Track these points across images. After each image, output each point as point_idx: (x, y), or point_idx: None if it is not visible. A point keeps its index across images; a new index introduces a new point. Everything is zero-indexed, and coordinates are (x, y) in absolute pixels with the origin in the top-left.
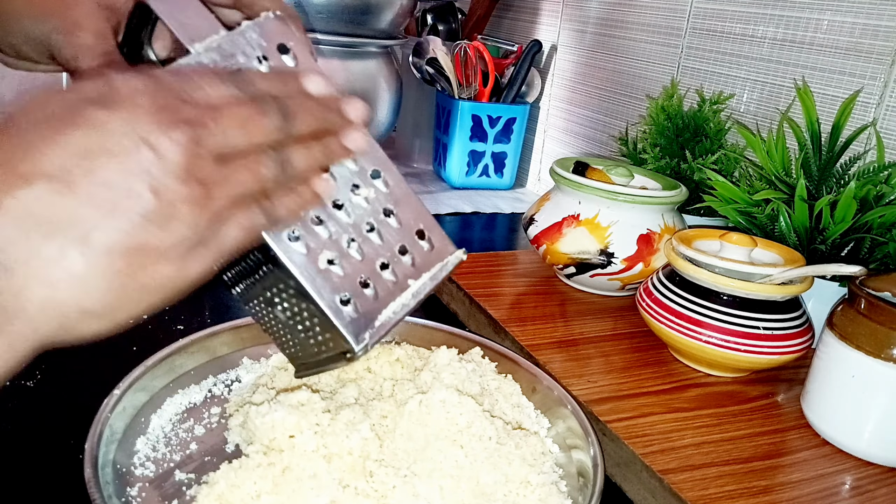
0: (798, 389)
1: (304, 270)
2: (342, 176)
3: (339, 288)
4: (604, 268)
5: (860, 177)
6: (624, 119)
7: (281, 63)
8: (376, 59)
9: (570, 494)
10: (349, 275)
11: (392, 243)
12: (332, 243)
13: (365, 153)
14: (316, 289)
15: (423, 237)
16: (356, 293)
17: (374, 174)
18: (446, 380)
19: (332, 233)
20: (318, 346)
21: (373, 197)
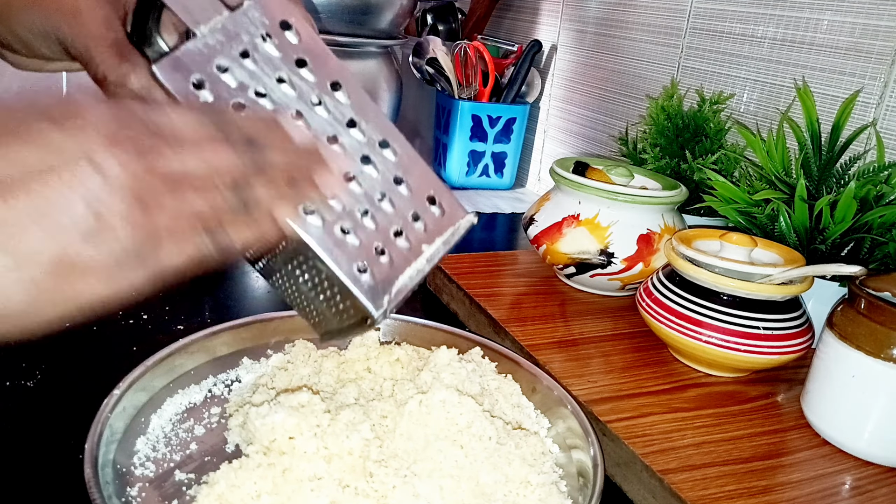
0: (798, 389)
1: (321, 242)
2: (351, 147)
3: (356, 257)
4: (604, 268)
5: (860, 177)
6: (624, 119)
7: (285, 40)
8: (376, 59)
9: (570, 494)
10: (364, 244)
11: (404, 210)
12: (345, 214)
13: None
14: (334, 259)
15: (434, 202)
16: (372, 261)
17: (383, 143)
18: (446, 380)
19: (346, 204)
20: (339, 314)
21: (382, 166)
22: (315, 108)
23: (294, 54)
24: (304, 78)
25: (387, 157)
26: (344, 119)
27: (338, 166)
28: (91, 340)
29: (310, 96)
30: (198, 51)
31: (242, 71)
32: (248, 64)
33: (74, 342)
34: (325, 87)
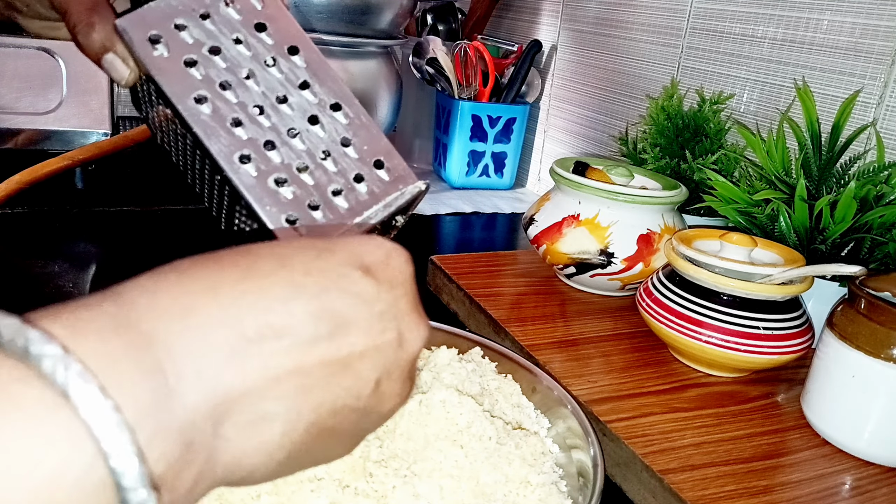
0: (798, 389)
1: (252, 191)
2: (300, 106)
3: (287, 208)
4: (604, 268)
5: (860, 177)
6: (624, 119)
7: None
8: (376, 59)
9: (570, 494)
10: (298, 197)
11: (347, 171)
12: (283, 167)
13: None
14: (263, 208)
15: (382, 167)
16: (304, 214)
17: (335, 107)
18: (446, 380)
19: (285, 158)
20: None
21: (331, 127)
22: (268, 69)
23: (255, 19)
24: (261, 40)
25: (337, 118)
26: (297, 81)
27: (284, 123)
28: None
29: (264, 57)
30: (159, 9)
31: (200, 31)
32: (207, 24)
33: None
34: (282, 50)
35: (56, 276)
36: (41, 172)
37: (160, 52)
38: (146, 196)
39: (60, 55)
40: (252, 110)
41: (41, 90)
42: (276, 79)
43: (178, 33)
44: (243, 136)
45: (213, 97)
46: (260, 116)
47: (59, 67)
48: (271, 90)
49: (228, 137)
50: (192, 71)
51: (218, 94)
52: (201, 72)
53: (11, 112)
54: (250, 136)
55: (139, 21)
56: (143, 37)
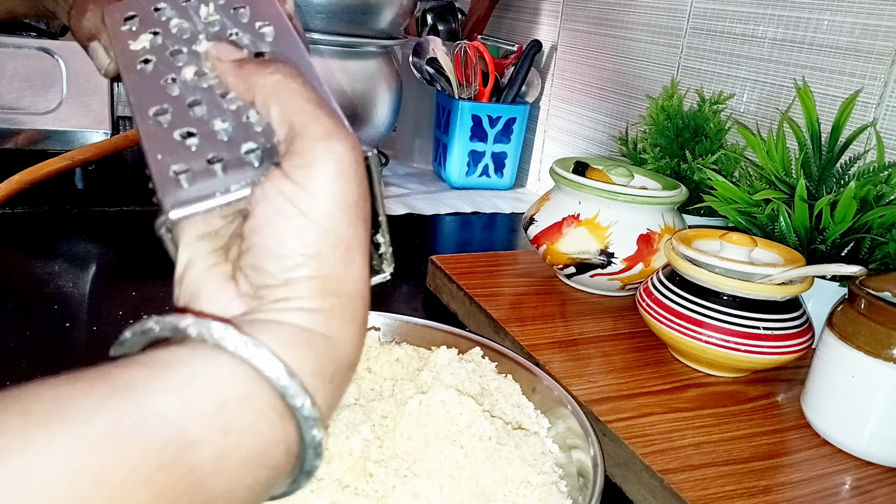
0: (798, 389)
1: (152, 139)
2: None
3: (182, 159)
4: (604, 268)
5: (860, 177)
6: (624, 119)
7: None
8: (376, 59)
9: (570, 494)
10: (200, 150)
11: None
12: (198, 121)
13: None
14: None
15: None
16: (198, 168)
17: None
18: (446, 380)
19: (205, 113)
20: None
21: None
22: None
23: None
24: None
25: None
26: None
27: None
28: (91, 340)
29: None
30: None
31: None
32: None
33: (75, 342)
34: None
35: (56, 276)
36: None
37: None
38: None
39: (60, 55)
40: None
41: (41, 90)
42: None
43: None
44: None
45: (158, 61)
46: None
47: (59, 67)
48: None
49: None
50: (146, 38)
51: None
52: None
53: (11, 112)
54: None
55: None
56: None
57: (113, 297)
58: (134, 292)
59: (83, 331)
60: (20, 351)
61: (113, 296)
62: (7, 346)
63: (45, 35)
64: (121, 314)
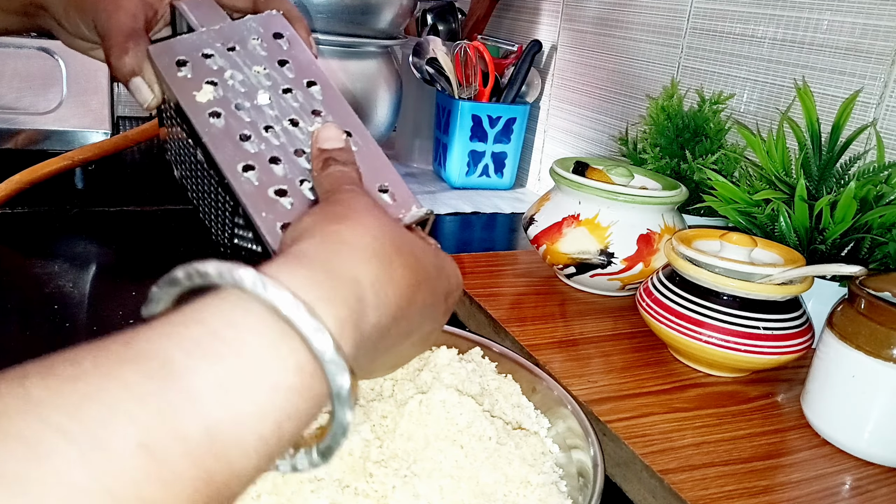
0: (798, 389)
1: (250, 198)
2: (310, 131)
3: (283, 217)
4: (604, 268)
5: (860, 177)
6: (624, 119)
7: (273, 44)
8: (376, 59)
9: (570, 494)
10: (296, 208)
11: None
12: (285, 180)
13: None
14: (259, 214)
15: (386, 192)
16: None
17: (345, 133)
18: (446, 380)
19: (288, 172)
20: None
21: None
22: (283, 95)
23: (279, 56)
24: (281, 73)
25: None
26: (309, 108)
27: (292, 143)
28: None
29: (282, 86)
30: (190, 41)
31: (224, 59)
32: (232, 55)
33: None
34: (301, 83)
35: (56, 276)
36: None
37: (184, 73)
38: (146, 196)
39: (60, 55)
40: (262, 129)
41: (41, 90)
42: (291, 106)
43: (205, 60)
44: (250, 150)
45: (226, 114)
46: (268, 135)
47: (59, 67)
48: (284, 114)
49: (235, 149)
50: (209, 89)
51: (232, 111)
52: (219, 92)
53: (11, 112)
54: (256, 150)
55: (169, 49)
56: (170, 61)
57: (113, 297)
58: (134, 292)
59: (83, 331)
60: (20, 351)
61: (113, 296)
62: (7, 346)
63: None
64: (121, 314)
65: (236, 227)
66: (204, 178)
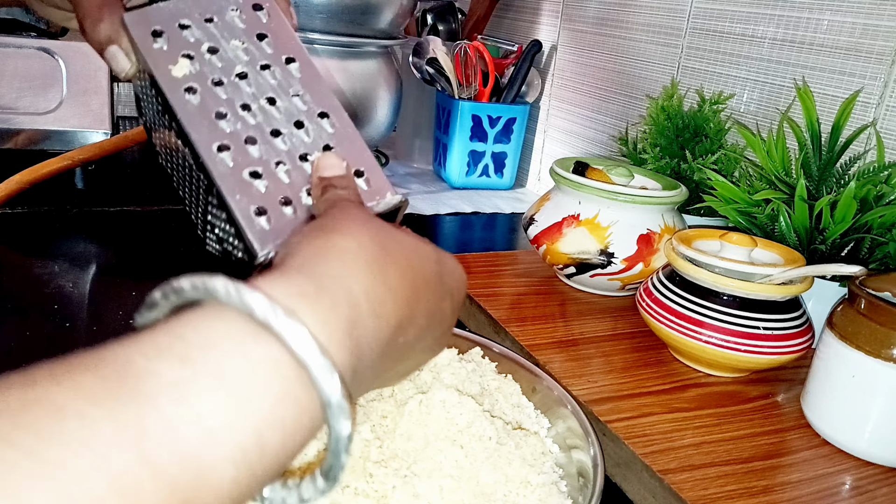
0: (798, 389)
1: (225, 179)
2: (287, 110)
3: (258, 200)
4: (604, 268)
5: (860, 177)
6: (624, 119)
7: (252, 16)
8: (376, 59)
9: (570, 494)
10: (270, 191)
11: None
12: (260, 162)
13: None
14: (233, 197)
15: (361, 176)
16: (274, 208)
17: (322, 115)
18: (446, 380)
19: (264, 154)
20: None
21: (315, 133)
22: (262, 72)
23: (258, 29)
24: (260, 47)
25: (323, 126)
26: (288, 87)
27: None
28: (91, 340)
29: (260, 62)
30: (167, 10)
31: (201, 32)
32: (210, 26)
33: (74, 342)
34: (280, 59)
35: (56, 276)
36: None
37: (160, 45)
38: (146, 196)
39: (60, 55)
40: (238, 108)
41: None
42: (269, 83)
43: (181, 31)
44: (226, 129)
45: (202, 91)
46: (245, 113)
47: (59, 67)
48: (261, 92)
49: (210, 128)
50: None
51: (208, 88)
52: (195, 66)
53: (11, 112)
54: (232, 129)
55: (144, 17)
56: (146, 31)
57: (113, 297)
58: (134, 292)
59: (83, 331)
60: (20, 351)
61: (113, 296)
62: (7, 346)
63: (45, 35)
64: (121, 314)
65: (210, 206)
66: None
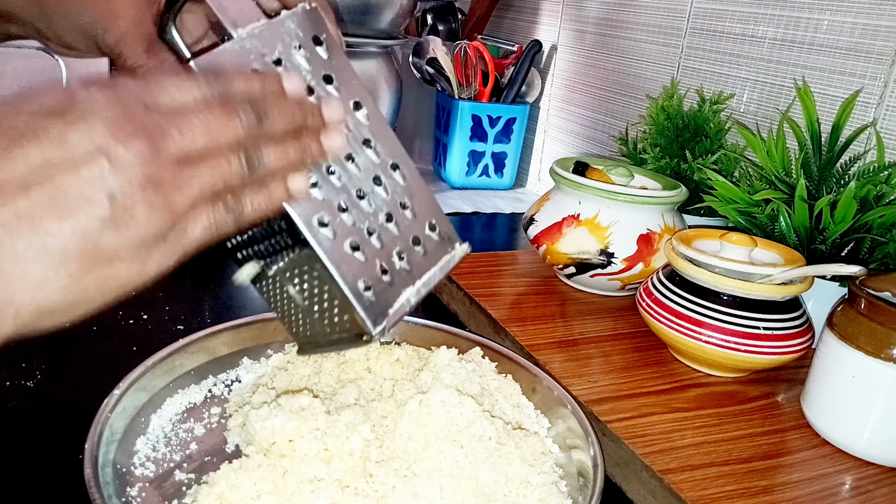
0: (798, 389)
1: (330, 255)
2: (365, 167)
3: (362, 273)
4: (604, 268)
5: (860, 177)
6: (624, 119)
7: (315, 54)
8: (376, 59)
9: (570, 494)
10: (370, 261)
11: (407, 234)
12: (355, 230)
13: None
14: (341, 273)
15: (434, 230)
16: (375, 279)
17: (394, 166)
18: (446, 380)
19: (356, 220)
20: (332, 326)
21: (391, 188)
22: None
23: (323, 70)
24: (329, 93)
25: (396, 179)
26: (361, 138)
27: (352, 183)
28: (91, 340)
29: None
30: (235, 52)
31: None
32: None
33: (74, 342)
34: (349, 105)
35: None
36: None
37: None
38: None
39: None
40: (323, 171)
41: None
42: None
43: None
44: (319, 198)
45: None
46: (332, 176)
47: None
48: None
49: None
50: None
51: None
52: None
53: None
54: (325, 197)
55: (215, 65)
56: None
57: None
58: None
59: (83, 330)
60: (20, 350)
61: None
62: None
63: None
64: (121, 314)
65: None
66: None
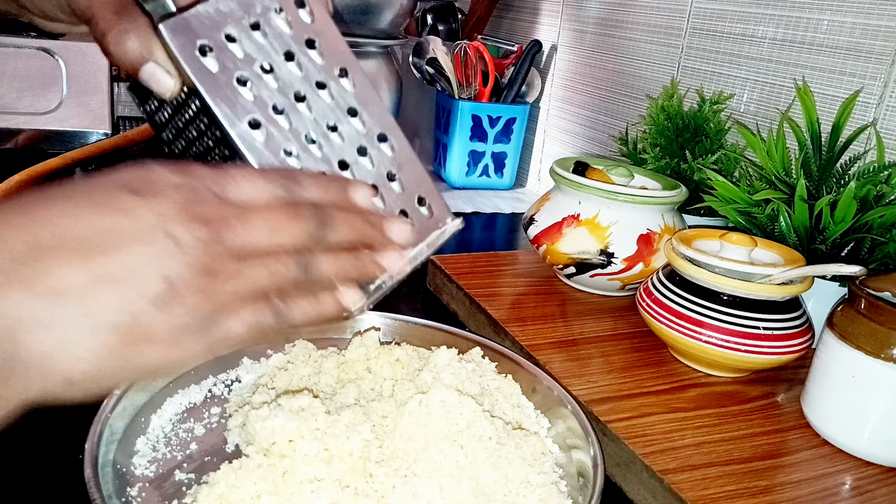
0: (798, 389)
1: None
2: (349, 136)
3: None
4: (604, 268)
5: (860, 177)
6: (624, 119)
7: (297, 17)
8: (376, 59)
9: (570, 494)
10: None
11: (393, 207)
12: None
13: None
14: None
15: (423, 203)
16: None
17: (381, 137)
18: (446, 380)
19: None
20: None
21: (378, 160)
22: (319, 92)
23: (305, 34)
24: (312, 59)
25: (383, 150)
26: (346, 106)
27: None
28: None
29: (315, 78)
30: (208, 15)
31: (251, 43)
32: (258, 36)
33: None
34: (332, 71)
35: None
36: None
37: (210, 65)
38: None
39: (60, 55)
40: (304, 140)
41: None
42: (327, 104)
43: (229, 45)
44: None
45: (266, 123)
46: (312, 146)
47: (59, 67)
48: (322, 116)
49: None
50: (244, 91)
51: (271, 118)
52: (254, 93)
53: (11, 112)
54: (303, 165)
55: (186, 27)
56: (191, 46)
57: None
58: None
59: None
60: None
61: None
62: None
63: (45, 35)
64: None
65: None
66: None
